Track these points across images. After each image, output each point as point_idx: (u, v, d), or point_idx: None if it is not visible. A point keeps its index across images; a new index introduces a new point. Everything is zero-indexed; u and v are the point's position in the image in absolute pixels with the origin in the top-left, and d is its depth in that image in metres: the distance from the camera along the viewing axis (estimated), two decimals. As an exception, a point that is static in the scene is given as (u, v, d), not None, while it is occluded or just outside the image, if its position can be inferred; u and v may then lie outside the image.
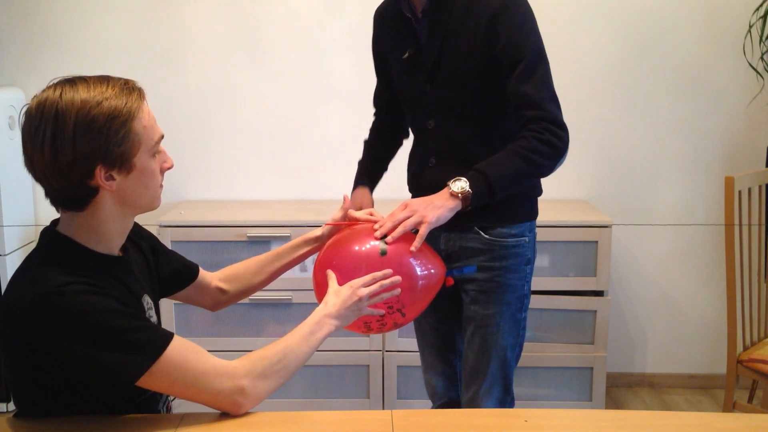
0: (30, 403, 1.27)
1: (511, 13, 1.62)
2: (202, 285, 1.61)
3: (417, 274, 1.55)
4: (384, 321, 1.55)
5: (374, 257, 1.51)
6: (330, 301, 1.43)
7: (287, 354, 1.31)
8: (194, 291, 1.60)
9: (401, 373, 2.84)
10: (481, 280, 1.76)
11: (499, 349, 1.78)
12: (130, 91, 1.23)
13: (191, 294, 1.61)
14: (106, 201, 1.24)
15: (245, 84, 3.05)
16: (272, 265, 1.66)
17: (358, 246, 1.54)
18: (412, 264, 1.55)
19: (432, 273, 1.58)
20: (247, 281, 1.65)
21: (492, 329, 1.77)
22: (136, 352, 1.18)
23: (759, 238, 2.43)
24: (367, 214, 1.63)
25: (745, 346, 2.39)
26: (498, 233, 1.75)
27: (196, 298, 1.63)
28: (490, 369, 1.79)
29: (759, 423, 1.35)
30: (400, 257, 1.53)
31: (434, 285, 1.59)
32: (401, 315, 1.55)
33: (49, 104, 1.18)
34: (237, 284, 1.64)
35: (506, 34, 1.62)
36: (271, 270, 1.66)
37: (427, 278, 1.57)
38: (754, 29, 2.86)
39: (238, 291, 1.65)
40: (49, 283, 1.17)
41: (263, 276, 1.66)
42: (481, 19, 1.63)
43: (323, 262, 1.56)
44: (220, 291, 1.63)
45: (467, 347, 1.83)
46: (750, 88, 2.97)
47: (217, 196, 3.14)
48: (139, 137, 1.22)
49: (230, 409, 1.26)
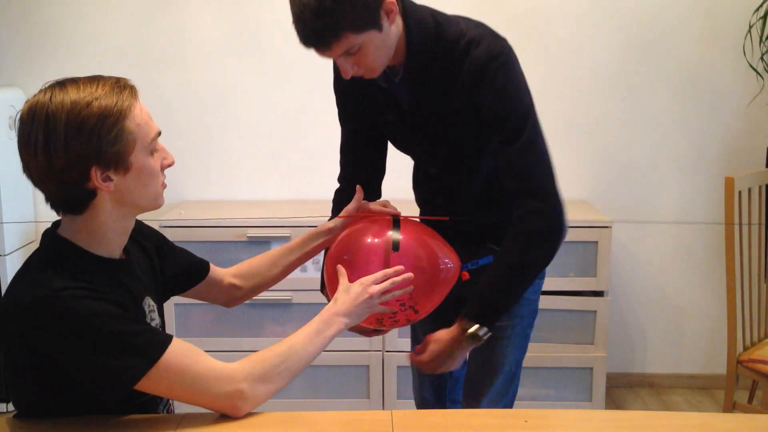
0: (30, 404, 1.27)
1: (491, 75, 1.48)
2: (213, 282, 1.59)
3: (431, 266, 1.51)
4: (396, 318, 1.52)
5: (387, 251, 1.47)
6: (339, 298, 1.41)
7: (290, 355, 1.30)
8: (206, 288, 1.59)
9: (401, 373, 2.84)
10: None
11: (507, 364, 1.72)
12: (121, 89, 1.21)
13: (203, 291, 1.59)
14: (105, 202, 1.23)
15: (245, 84, 3.05)
16: (285, 259, 1.64)
17: (371, 239, 1.50)
18: (427, 256, 1.51)
19: (447, 267, 1.53)
20: (261, 276, 1.63)
21: (503, 342, 1.71)
22: (134, 356, 1.17)
23: (759, 238, 2.43)
24: (381, 205, 1.60)
25: (745, 346, 2.39)
26: None
27: (208, 295, 1.61)
28: (495, 384, 1.73)
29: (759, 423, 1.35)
30: (415, 251, 1.50)
31: (450, 279, 1.55)
32: (414, 312, 1.52)
33: (39, 108, 1.17)
34: (251, 280, 1.63)
35: (490, 99, 1.49)
36: (285, 264, 1.64)
37: (442, 273, 1.52)
38: (754, 29, 2.86)
39: (252, 286, 1.63)
40: (48, 287, 1.16)
41: (277, 270, 1.64)
42: (464, 83, 1.50)
43: (334, 256, 1.52)
44: (234, 287, 1.62)
45: (471, 359, 1.77)
46: (750, 88, 2.97)
47: (217, 196, 3.14)
48: (133, 136, 1.21)
49: (229, 412, 1.25)
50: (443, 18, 1.54)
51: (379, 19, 1.41)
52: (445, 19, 1.53)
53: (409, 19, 1.49)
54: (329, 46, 1.40)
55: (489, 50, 1.48)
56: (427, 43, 1.50)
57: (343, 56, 1.44)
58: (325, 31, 1.37)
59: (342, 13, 1.35)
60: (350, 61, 1.45)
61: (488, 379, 1.74)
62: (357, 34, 1.39)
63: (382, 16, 1.41)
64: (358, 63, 1.46)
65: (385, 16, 1.42)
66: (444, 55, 1.51)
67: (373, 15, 1.40)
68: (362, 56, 1.44)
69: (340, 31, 1.38)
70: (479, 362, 1.75)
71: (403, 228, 1.53)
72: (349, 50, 1.42)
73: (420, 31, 1.50)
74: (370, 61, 1.46)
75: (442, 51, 1.51)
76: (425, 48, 1.51)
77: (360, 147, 1.77)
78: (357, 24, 1.38)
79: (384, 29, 1.43)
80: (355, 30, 1.39)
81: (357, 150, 1.77)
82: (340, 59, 1.44)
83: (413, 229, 1.54)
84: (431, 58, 1.52)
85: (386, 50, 1.47)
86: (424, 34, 1.50)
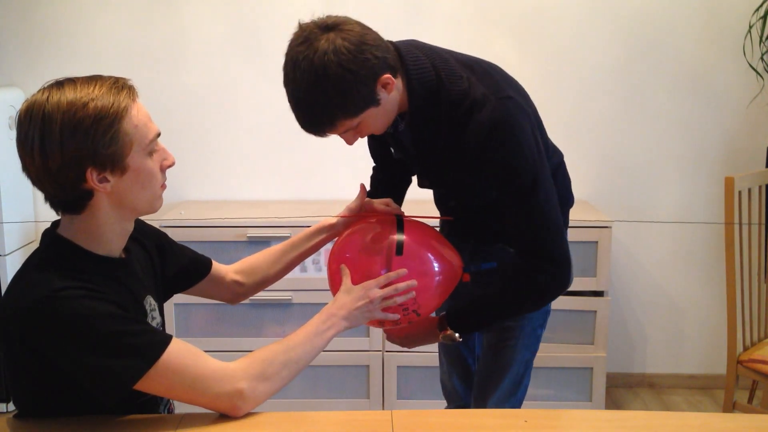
0: (30, 404, 1.27)
1: (495, 142, 1.42)
2: (216, 279, 1.59)
3: (435, 270, 1.50)
4: (399, 321, 1.51)
5: (390, 253, 1.46)
6: (340, 300, 1.41)
7: (289, 355, 1.30)
8: (208, 285, 1.58)
9: (401, 373, 2.84)
10: None
11: (515, 364, 1.72)
12: (119, 90, 1.20)
13: (206, 288, 1.59)
14: (102, 203, 1.23)
15: (245, 84, 3.05)
16: (288, 256, 1.63)
17: (374, 239, 1.50)
18: (431, 260, 1.50)
19: (450, 268, 1.53)
20: (264, 272, 1.63)
21: (511, 342, 1.71)
22: (133, 356, 1.17)
23: (759, 238, 2.43)
24: (384, 204, 1.59)
25: (745, 346, 2.39)
26: None
27: (211, 293, 1.61)
28: (503, 383, 1.73)
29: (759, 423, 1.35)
30: (419, 253, 1.49)
31: (452, 281, 1.54)
32: (416, 315, 1.52)
33: (36, 108, 1.17)
34: (254, 276, 1.62)
35: (494, 164, 1.45)
36: (288, 260, 1.63)
37: (444, 274, 1.52)
38: (754, 30, 2.86)
39: (256, 283, 1.63)
40: (48, 287, 1.16)
41: (279, 266, 1.63)
42: (467, 145, 1.45)
43: (337, 255, 1.52)
44: (237, 284, 1.61)
45: (483, 356, 1.78)
46: (750, 88, 2.96)
47: (217, 196, 3.14)
48: (130, 137, 1.19)
49: (229, 412, 1.25)
50: (446, 72, 1.47)
51: (376, 96, 1.37)
52: (448, 75, 1.46)
53: (411, 74, 1.44)
54: (326, 133, 1.41)
55: (492, 116, 1.42)
56: (428, 99, 1.45)
57: (343, 134, 1.44)
58: (320, 120, 1.38)
59: (334, 105, 1.34)
60: (351, 134, 1.45)
61: (496, 379, 1.74)
62: (354, 118, 1.38)
63: (378, 91, 1.37)
64: (360, 134, 1.46)
65: (383, 89, 1.38)
66: (447, 115, 1.46)
67: (369, 96, 1.36)
68: (365, 129, 1.44)
69: (335, 120, 1.37)
70: (487, 361, 1.76)
71: (407, 229, 1.52)
72: (349, 129, 1.42)
73: (421, 87, 1.44)
74: (372, 129, 1.45)
75: (445, 111, 1.46)
76: (427, 104, 1.46)
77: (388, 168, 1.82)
78: (351, 110, 1.37)
79: (383, 101, 1.39)
80: (351, 116, 1.37)
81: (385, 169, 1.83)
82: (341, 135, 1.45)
83: (416, 230, 1.53)
84: (433, 116, 1.47)
85: (387, 115, 1.45)
86: (426, 90, 1.45)
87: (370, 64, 1.33)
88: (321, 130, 1.40)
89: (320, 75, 1.30)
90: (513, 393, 1.74)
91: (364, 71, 1.32)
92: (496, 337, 1.73)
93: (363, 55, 1.32)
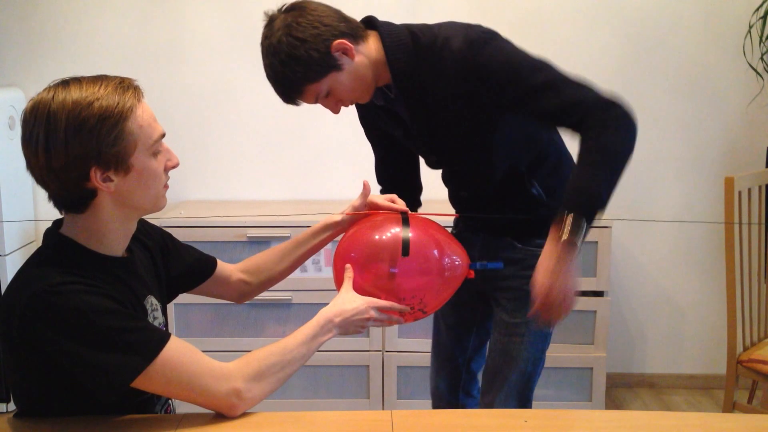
0: (30, 403, 1.27)
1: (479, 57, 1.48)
2: (221, 279, 1.59)
3: (441, 268, 1.50)
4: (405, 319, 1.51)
5: (395, 253, 1.46)
6: (339, 306, 1.40)
7: (285, 356, 1.30)
8: (214, 285, 1.58)
9: (401, 373, 2.84)
10: (514, 288, 1.70)
11: (521, 360, 1.72)
12: (124, 90, 1.20)
13: (211, 288, 1.59)
14: (105, 203, 1.23)
15: (245, 84, 3.05)
16: (294, 253, 1.63)
17: (379, 237, 1.49)
18: (437, 258, 1.50)
19: (456, 266, 1.52)
20: (270, 271, 1.63)
21: (516, 338, 1.71)
22: (131, 353, 1.17)
23: (759, 237, 2.43)
24: (389, 200, 1.59)
25: (745, 346, 2.39)
26: (534, 243, 1.66)
27: (217, 292, 1.61)
28: (509, 379, 1.72)
29: (759, 423, 1.35)
30: (425, 251, 1.49)
31: (458, 277, 1.54)
32: (423, 313, 1.52)
33: (41, 107, 1.17)
34: (259, 275, 1.62)
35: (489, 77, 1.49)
36: (293, 258, 1.63)
37: (450, 271, 1.52)
38: (754, 30, 2.86)
39: (261, 281, 1.63)
40: (46, 282, 1.16)
41: (285, 264, 1.63)
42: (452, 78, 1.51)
43: (342, 254, 1.52)
44: (243, 283, 1.62)
45: (489, 353, 1.78)
46: (750, 88, 2.97)
47: (217, 196, 3.14)
48: (134, 137, 1.20)
49: (226, 410, 1.25)
50: (418, 28, 1.57)
51: (335, 61, 1.48)
52: (421, 29, 1.56)
53: (385, 40, 1.54)
54: (297, 100, 1.53)
55: (466, 39, 1.50)
56: (406, 55, 1.53)
57: (319, 101, 1.54)
58: (288, 90, 1.51)
59: (293, 73, 1.47)
60: (329, 102, 1.55)
61: (503, 376, 1.73)
62: (317, 83, 1.49)
63: (337, 57, 1.48)
64: (339, 100, 1.55)
65: (343, 55, 1.49)
66: (424, 60, 1.53)
67: (325, 61, 1.47)
68: (337, 95, 1.54)
69: (299, 87, 1.50)
70: (495, 358, 1.76)
71: (413, 226, 1.51)
72: (319, 96, 1.52)
73: (396, 48, 1.54)
74: (348, 96, 1.55)
75: (422, 57, 1.53)
76: (405, 60, 1.53)
77: (391, 168, 1.88)
78: (311, 76, 1.48)
79: (346, 66, 1.50)
80: (313, 81, 1.49)
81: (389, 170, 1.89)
82: (319, 103, 1.54)
83: (422, 228, 1.52)
84: (414, 67, 1.54)
85: (360, 81, 1.54)
86: (401, 48, 1.53)
87: (318, 31, 1.46)
88: (293, 99, 1.52)
89: (277, 49, 1.46)
90: (521, 391, 1.74)
91: (311, 38, 1.45)
92: (503, 334, 1.73)
93: (311, 24, 1.46)
